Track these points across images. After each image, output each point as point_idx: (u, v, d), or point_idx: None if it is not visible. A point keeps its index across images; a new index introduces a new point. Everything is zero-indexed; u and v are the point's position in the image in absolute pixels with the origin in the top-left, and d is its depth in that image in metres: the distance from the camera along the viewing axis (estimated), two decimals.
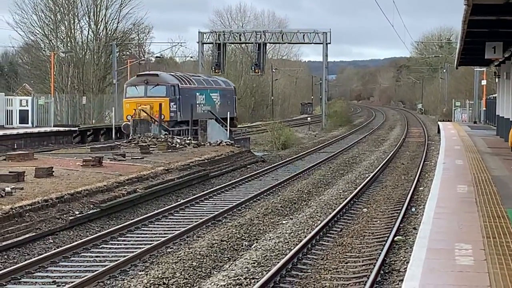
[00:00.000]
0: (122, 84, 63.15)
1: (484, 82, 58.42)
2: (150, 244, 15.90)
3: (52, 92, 48.82)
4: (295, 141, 50.91)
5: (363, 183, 25.82)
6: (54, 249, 15.52)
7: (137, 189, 22.06)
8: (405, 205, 20.58)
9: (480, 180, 17.23)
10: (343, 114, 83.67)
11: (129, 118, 37.91)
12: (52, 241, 16.47)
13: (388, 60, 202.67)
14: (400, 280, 12.18)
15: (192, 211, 21.11)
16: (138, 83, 39.28)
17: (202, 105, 42.25)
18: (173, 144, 33.37)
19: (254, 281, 12.76)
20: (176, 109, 38.83)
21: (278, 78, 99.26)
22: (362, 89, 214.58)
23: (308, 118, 75.17)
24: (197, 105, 41.34)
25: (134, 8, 69.14)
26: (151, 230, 18.20)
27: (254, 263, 14.25)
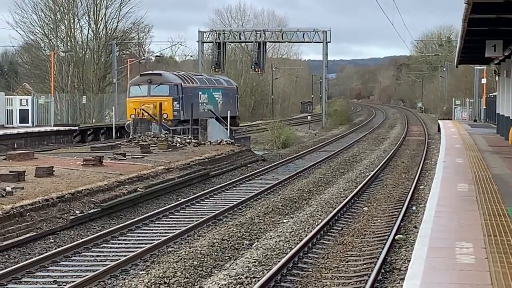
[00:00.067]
0: (122, 84, 63.32)
1: (484, 81, 58.37)
2: (151, 243, 15.91)
3: (52, 92, 48.81)
4: (295, 140, 50.93)
5: (364, 182, 25.82)
6: (55, 249, 15.51)
7: (138, 189, 22.06)
8: (406, 204, 20.58)
9: (481, 179, 17.22)
10: (343, 113, 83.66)
11: (133, 117, 38.08)
12: (53, 241, 16.47)
13: (388, 59, 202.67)
14: (401, 279, 12.18)
15: (193, 210, 21.11)
16: (142, 83, 39.40)
17: (205, 104, 42.36)
18: (174, 143, 33.37)
19: (255, 280, 12.77)
20: (179, 108, 38.95)
21: (278, 77, 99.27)
22: (362, 88, 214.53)
23: (308, 117, 75.23)
24: (200, 104, 41.44)
25: (134, 7, 69.45)
26: (152, 229, 18.21)
27: (255, 262, 14.25)
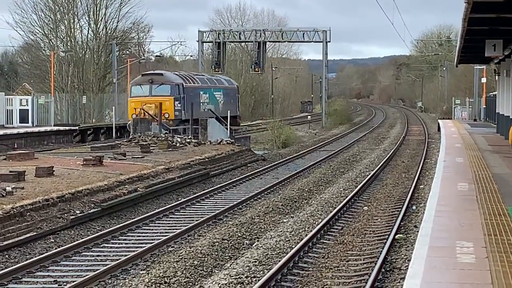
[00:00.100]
0: (122, 83, 63.34)
1: (484, 80, 58.37)
2: (151, 243, 15.91)
3: (52, 92, 48.82)
4: (295, 140, 50.93)
5: (364, 181, 25.82)
6: (55, 249, 15.52)
7: (138, 188, 22.07)
8: (406, 203, 20.58)
9: (481, 178, 17.23)
10: (343, 113, 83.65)
11: (134, 117, 38.19)
12: (53, 241, 16.47)
13: (388, 58, 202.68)
14: (402, 278, 12.19)
15: (193, 210, 21.11)
16: (143, 82, 39.50)
17: (206, 104, 42.44)
18: (174, 143, 33.37)
19: (256, 280, 12.77)
20: (181, 108, 39.04)
21: (278, 77, 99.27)
22: (362, 87, 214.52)
23: (308, 117, 75.21)
24: (201, 104, 41.51)
25: (134, 7, 69.43)
26: (152, 229, 18.21)
27: (256, 262, 14.25)
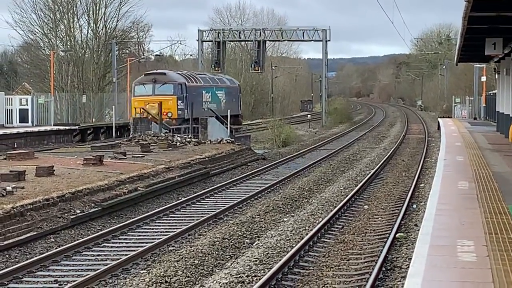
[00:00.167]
0: (122, 83, 63.33)
1: (484, 79, 58.33)
2: (152, 243, 15.91)
3: (52, 91, 48.82)
4: (296, 139, 50.93)
5: (364, 180, 25.81)
6: (56, 248, 15.52)
7: (138, 188, 22.07)
8: (406, 202, 20.57)
9: (481, 177, 17.22)
10: (343, 111, 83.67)
11: (135, 116, 38.31)
12: (54, 240, 16.47)
13: (388, 57, 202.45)
14: (402, 277, 12.18)
15: (193, 209, 21.11)
16: (146, 82, 39.60)
17: (209, 103, 42.51)
18: (174, 142, 33.36)
19: (257, 279, 12.76)
20: (184, 107, 39.12)
21: (278, 76, 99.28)
22: (362, 86, 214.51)
23: (308, 116, 75.23)
24: (204, 103, 41.58)
25: (134, 7, 69.53)
26: (153, 229, 18.21)
27: (256, 261, 14.25)
